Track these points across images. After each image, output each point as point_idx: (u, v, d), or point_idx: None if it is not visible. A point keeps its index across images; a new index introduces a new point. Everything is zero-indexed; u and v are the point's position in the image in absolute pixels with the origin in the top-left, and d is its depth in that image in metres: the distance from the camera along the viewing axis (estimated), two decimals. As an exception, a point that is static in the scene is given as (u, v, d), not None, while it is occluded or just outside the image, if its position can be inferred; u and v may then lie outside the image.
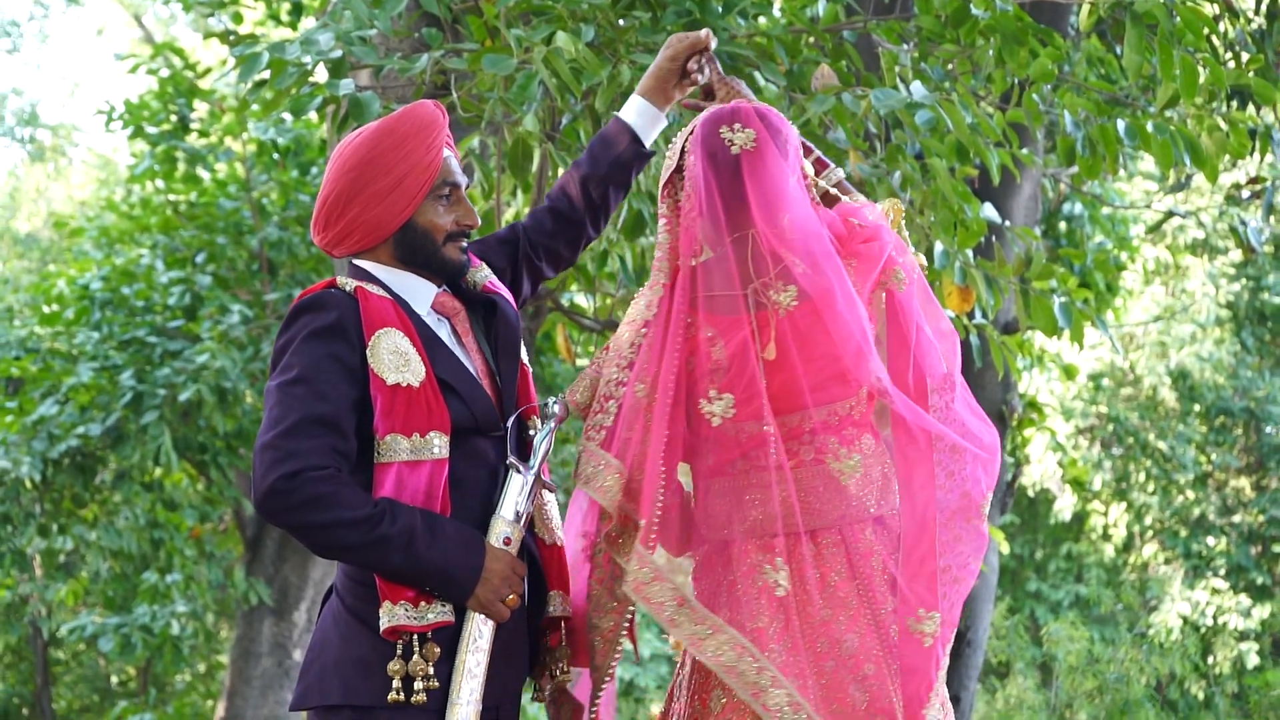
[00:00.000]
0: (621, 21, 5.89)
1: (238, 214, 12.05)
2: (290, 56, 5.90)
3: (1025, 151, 6.49)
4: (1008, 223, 7.69)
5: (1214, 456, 20.10)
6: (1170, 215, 17.97)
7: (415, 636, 3.41)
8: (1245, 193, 14.85)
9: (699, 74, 4.03)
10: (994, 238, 7.85)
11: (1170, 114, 6.37)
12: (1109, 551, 20.44)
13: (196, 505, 12.25)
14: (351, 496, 3.34)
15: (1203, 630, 18.68)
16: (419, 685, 3.39)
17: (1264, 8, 8.75)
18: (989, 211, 6.53)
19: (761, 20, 6.68)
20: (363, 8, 5.92)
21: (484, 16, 6.05)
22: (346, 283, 3.55)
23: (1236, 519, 19.83)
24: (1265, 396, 19.44)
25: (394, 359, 3.45)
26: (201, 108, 12.67)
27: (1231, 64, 8.33)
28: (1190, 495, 20.02)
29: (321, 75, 6.19)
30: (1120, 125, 6.31)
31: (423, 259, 3.64)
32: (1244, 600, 18.76)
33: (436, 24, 6.75)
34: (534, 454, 3.66)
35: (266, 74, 5.99)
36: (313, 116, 10.71)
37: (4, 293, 18.51)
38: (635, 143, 4.04)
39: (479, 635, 3.45)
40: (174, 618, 12.05)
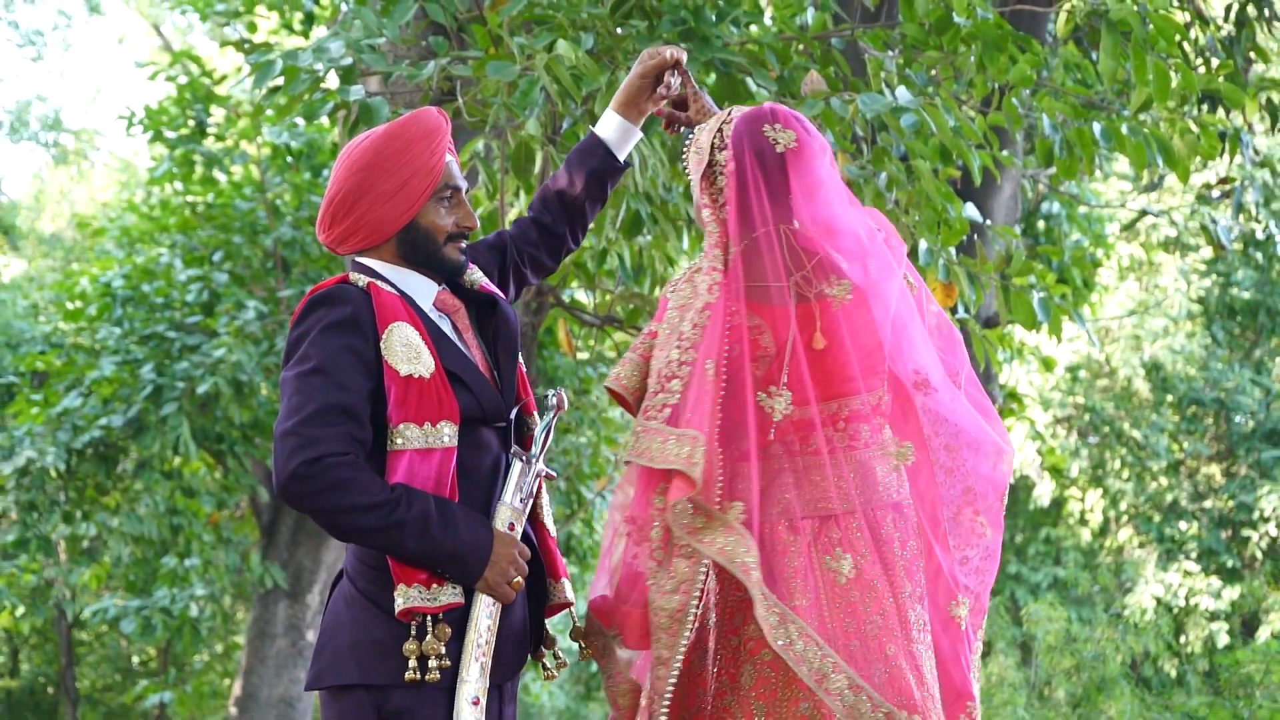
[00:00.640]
0: (619, 30, 5.90)
1: (253, 214, 12.05)
2: (303, 64, 5.91)
3: (1005, 153, 6.50)
4: (989, 221, 7.71)
5: (1186, 445, 20.10)
6: (1144, 214, 18.03)
7: (428, 617, 3.41)
8: (1215, 192, 14.86)
9: (670, 88, 4.01)
10: (976, 236, 7.85)
11: (1144, 117, 6.38)
12: (1086, 536, 20.43)
13: (214, 492, 12.26)
14: (370, 482, 3.35)
15: (1175, 611, 18.68)
16: (433, 664, 3.39)
17: (1233, 15, 8.76)
18: (971, 211, 6.54)
19: (753, 28, 6.69)
20: (372, 17, 5.92)
21: (488, 25, 6.06)
22: (359, 279, 3.56)
23: (1207, 504, 19.83)
24: (1235, 387, 19.43)
25: (406, 351, 3.46)
26: (218, 113, 12.67)
27: (1202, 69, 8.34)
28: (1163, 482, 20.02)
29: (333, 81, 6.19)
30: (1096, 128, 6.32)
31: (424, 258, 3.64)
32: (1215, 582, 18.76)
33: (443, 32, 6.75)
34: (535, 443, 3.67)
35: (280, 80, 6.00)
36: (324, 121, 10.71)
37: (29, 290, 18.54)
38: (609, 157, 4.04)
39: (486, 615, 3.46)
40: (193, 600, 12.05)
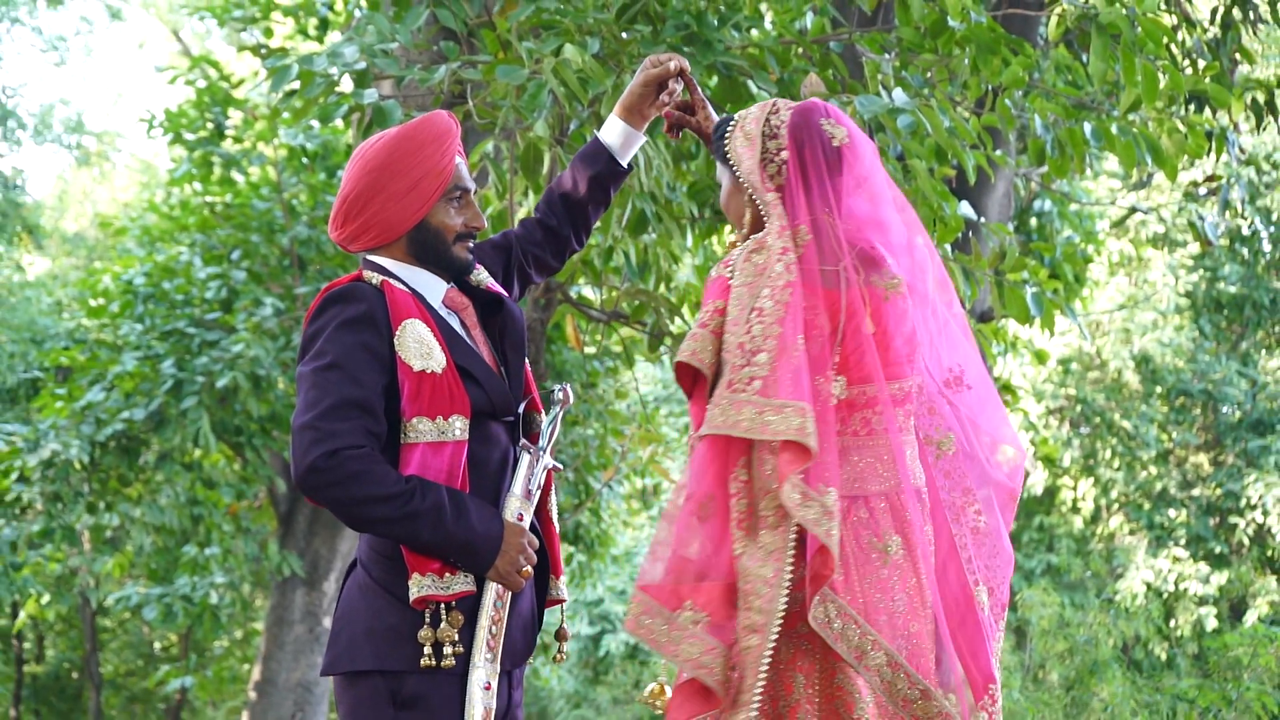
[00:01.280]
0: (625, 34, 5.90)
1: (270, 214, 12.05)
2: (318, 68, 5.91)
3: (999, 153, 6.49)
4: (983, 219, 7.70)
5: (1174, 435, 20.10)
6: (1133, 211, 18.02)
7: (442, 605, 3.42)
8: (1202, 190, 14.86)
9: (674, 95, 4.00)
10: (970, 233, 7.85)
11: (1133, 117, 6.38)
12: (1078, 523, 20.42)
13: (233, 484, 12.27)
14: (385, 474, 3.36)
15: (1165, 596, 18.67)
16: (447, 650, 3.40)
17: (1219, 18, 8.74)
18: (965, 209, 6.53)
19: (754, 33, 6.68)
20: (385, 23, 5.92)
21: (497, 30, 6.06)
22: (372, 277, 3.56)
23: (1196, 492, 19.82)
24: (1222, 379, 19.43)
25: (418, 347, 3.47)
26: (236, 116, 12.67)
27: (1189, 71, 8.33)
28: (1153, 471, 20.01)
29: (347, 85, 6.21)
30: (1087, 128, 6.32)
31: (433, 257, 3.65)
32: (1203, 568, 18.76)
33: (453, 37, 6.75)
34: (543, 437, 3.68)
35: (296, 84, 6.00)
36: (339, 123, 10.71)
37: (54, 288, 18.56)
38: (612, 161, 4.03)
39: (497, 603, 3.47)
40: (212, 588, 12.08)
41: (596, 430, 12.69)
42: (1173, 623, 18.58)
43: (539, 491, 3.61)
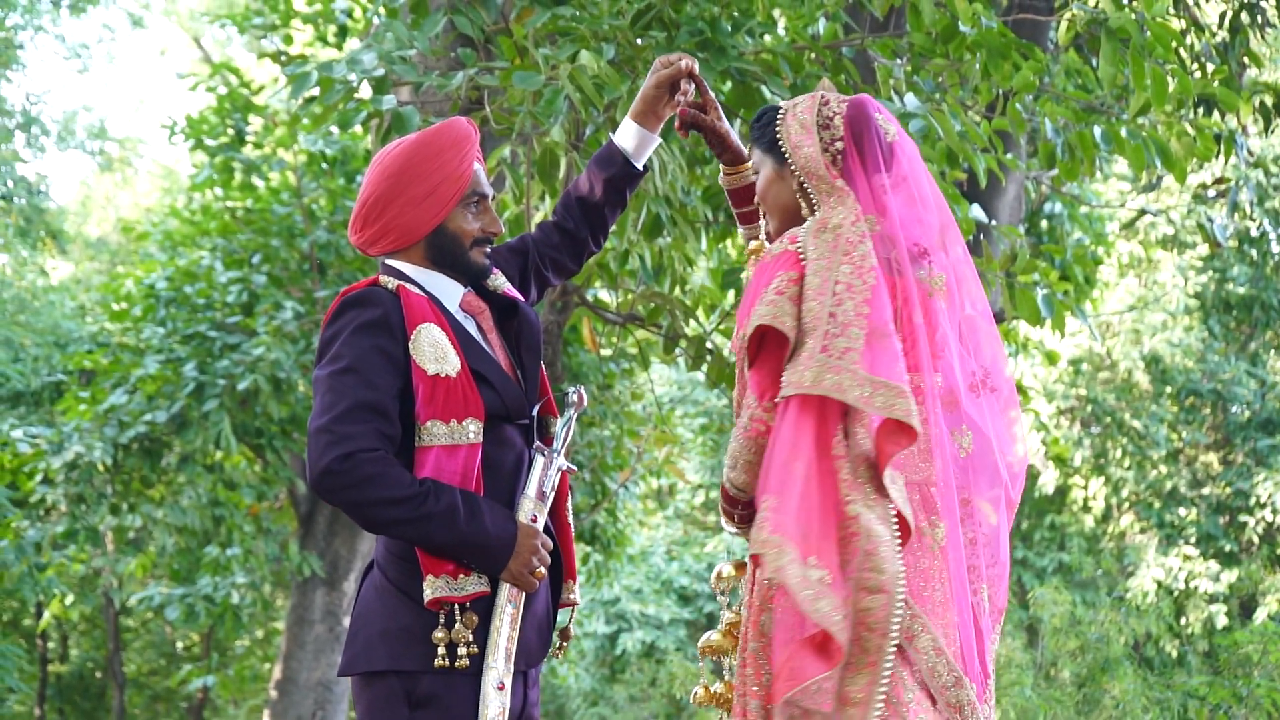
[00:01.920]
0: (639, 40, 5.90)
1: (290, 219, 12.07)
2: (337, 75, 5.92)
3: (1009, 156, 6.50)
4: (994, 222, 7.70)
5: (1184, 434, 20.05)
6: (1143, 213, 17.99)
7: (456, 606, 3.42)
8: (1211, 192, 14.82)
9: (687, 95, 3.98)
10: (981, 236, 7.84)
11: (1142, 121, 6.37)
12: (1089, 522, 20.38)
13: (254, 485, 12.28)
14: (399, 476, 3.36)
15: (1176, 594, 18.64)
16: (461, 651, 3.40)
17: (1227, 23, 8.73)
18: (976, 212, 6.53)
19: (767, 38, 6.68)
20: (403, 30, 5.93)
21: (514, 37, 6.07)
22: (389, 281, 3.57)
23: (1206, 491, 19.78)
24: (1231, 379, 19.39)
25: (433, 351, 3.46)
26: (256, 122, 12.67)
27: (1198, 74, 8.32)
28: (1163, 470, 19.97)
29: (366, 92, 6.21)
30: (1096, 131, 6.31)
31: (451, 261, 3.65)
32: (1213, 566, 18.72)
33: (471, 44, 6.76)
34: (557, 439, 3.68)
35: (316, 91, 6.01)
36: (358, 129, 10.72)
37: (77, 292, 18.61)
38: (628, 164, 4.02)
39: (511, 604, 3.47)
40: (234, 588, 12.08)
41: (612, 431, 12.69)
42: (1183, 620, 18.54)
43: (553, 493, 3.61)
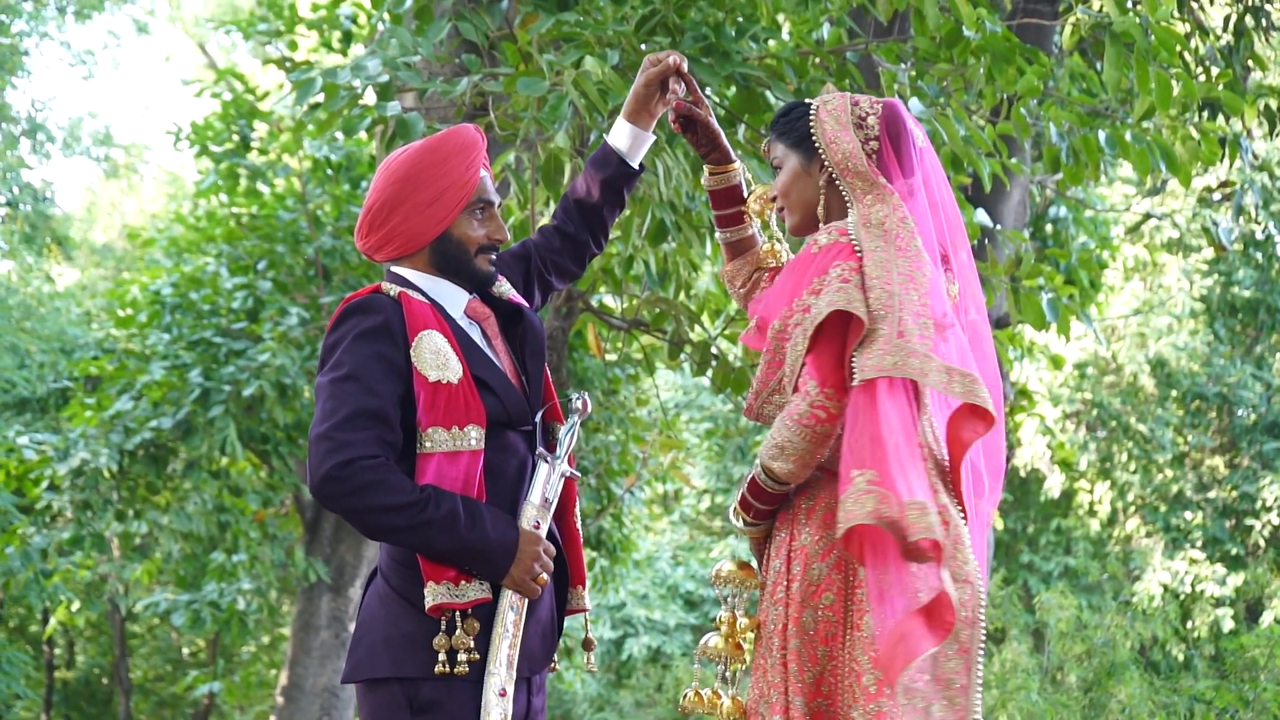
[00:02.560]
0: (644, 46, 5.90)
1: (295, 225, 12.07)
2: (342, 81, 5.93)
3: (1014, 161, 6.49)
4: (999, 226, 7.70)
5: (1190, 438, 20.04)
6: (1148, 217, 17.99)
7: (457, 613, 3.42)
8: (1216, 195, 14.83)
9: (676, 93, 3.97)
10: (986, 240, 7.84)
11: (1147, 124, 6.37)
12: (1095, 526, 20.38)
13: (260, 491, 12.29)
14: (399, 483, 3.35)
15: (1182, 597, 18.61)
16: (462, 657, 3.40)
17: (1232, 26, 8.73)
18: (981, 216, 6.53)
19: (771, 43, 6.68)
20: (407, 36, 5.93)
21: (518, 43, 6.07)
22: (390, 288, 3.57)
23: (1211, 495, 19.77)
24: (1236, 382, 19.37)
25: (434, 358, 3.46)
26: (261, 128, 12.69)
27: (1202, 78, 8.32)
28: (1169, 474, 19.95)
29: (370, 98, 6.21)
30: (1101, 135, 6.31)
31: (456, 267, 3.65)
32: (1219, 569, 18.70)
33: (475, 50, 6.76)
34: (560, 445, 3.67)
35: (320, 97, 6.02)
36: (363, 135, 10.73)
37: (83, 298, 18.61)
38: (623, 164, 4.01)
39: (513, 611, 3.47)
40: (240, 594, 12.08)
41: (618, 436, 12.69)
42: (1190, 624, 18.53)
43: (556, 499, 3.60)
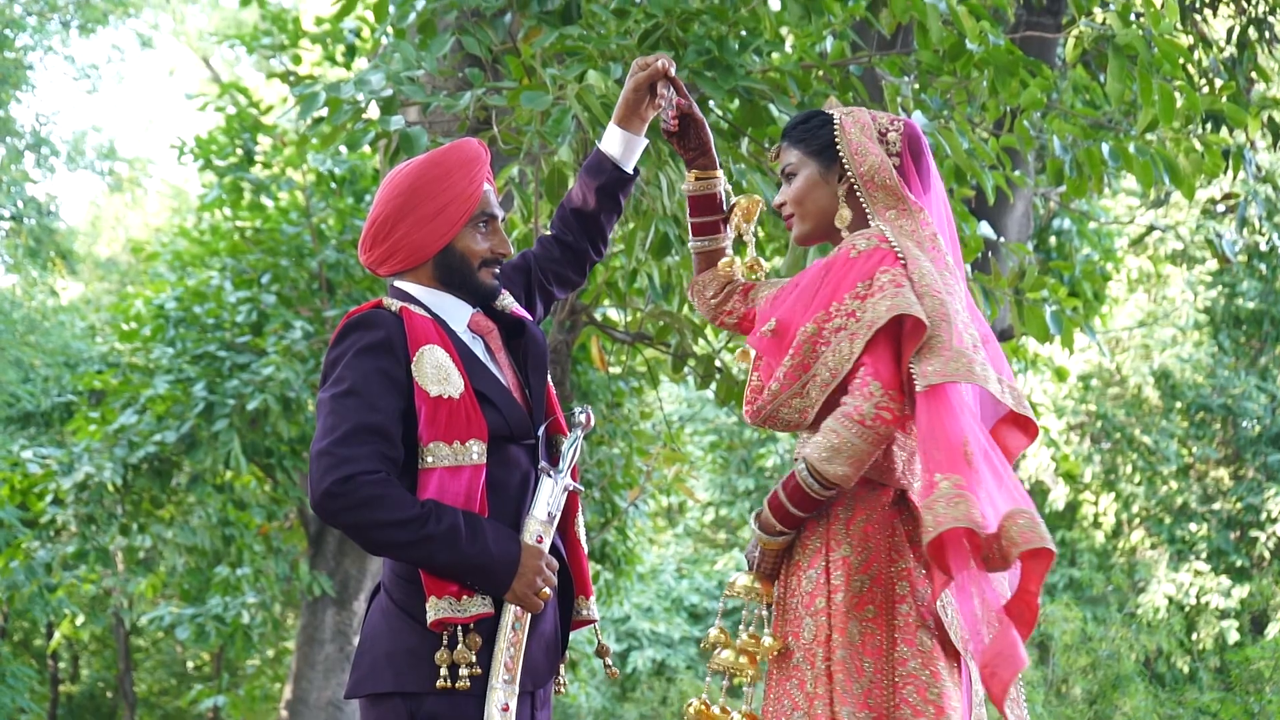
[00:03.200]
0: (647, 59, 5.90)
1: (299, 238, 12.07)
2: (345, 95, 5.93)
3: (1017, 173, 6.49)
4: (1002, 239, 7.70)
5: (1195, 449, 20.03)
6: (1151, 229, 17.98)
7: (459, 627, 3.41)
8: (1220, 207, 14.84)
9: (665, 97, 3.97)
10: (990, 253, 7.84)
11: (1150, 137, 6.37)
12: (1099, 538, 20.36)
13: (264, 505, 12.28)
14: (400, 498, 3.35)
15: (1187, 609, 18.60)
16: (464, 672, 3.39)
17: (1235, 38, 8.74)
18: (985, 229, 6.53)
19: (775, 56, 6.69)
20: (411, 50, 5.94)
21: (521, 57, 6.07)
22: (392, 303, 3.56)
23: (1216, 506, 19.75)
24: (1241, 394, 19.36)
25: (436, 373, 3.46)
26: (265, 142, 12.70)
27: (1206, 90, 8.32)
28: (1173, 485, 19.94)
29: (374, 112, 6.22)
30: (1104, 148, 6.31)
31: (459, 281, 3.65)
32: (1224, 581, 18.68)
33: (478, 64, 6.77)
34: (563, 459, 3.66)
35: (324, 111, 6.02)
36: (366, 149, 10.74)
37: (87, 312, 18.63)
38: (617, 169, 4.01)
39: (515, 625, 3.46)
40: (244, 608, 12.08)
41: (622, 449, 12.68)
42: (1194, 636, 18.50)
43: (559, 513, 3.59)
